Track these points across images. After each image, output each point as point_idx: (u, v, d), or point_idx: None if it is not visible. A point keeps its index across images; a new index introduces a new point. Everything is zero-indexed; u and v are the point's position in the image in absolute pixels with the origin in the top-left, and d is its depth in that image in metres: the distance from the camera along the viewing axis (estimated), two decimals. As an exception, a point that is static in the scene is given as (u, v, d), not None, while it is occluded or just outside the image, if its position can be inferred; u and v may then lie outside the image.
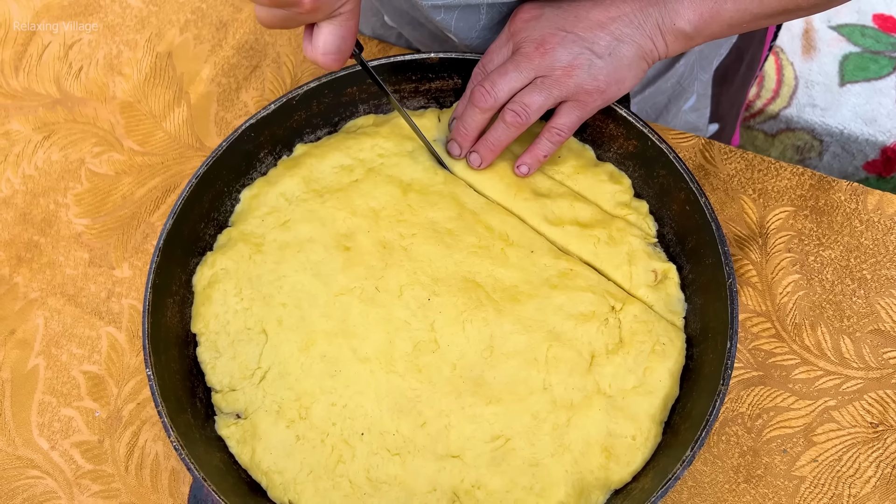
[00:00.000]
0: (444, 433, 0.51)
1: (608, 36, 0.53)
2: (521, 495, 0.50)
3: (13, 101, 0.75)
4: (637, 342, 0.53)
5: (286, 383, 0.53)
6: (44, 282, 0.66)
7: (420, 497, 0.50)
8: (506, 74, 0.54)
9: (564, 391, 0.52)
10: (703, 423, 0.47)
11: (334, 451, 0.51)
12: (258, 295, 0.56)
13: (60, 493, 0.58)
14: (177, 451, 0.48)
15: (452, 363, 0.53)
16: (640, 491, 0.49)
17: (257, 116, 0.58)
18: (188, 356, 0.56)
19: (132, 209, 0.68)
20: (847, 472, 0.55)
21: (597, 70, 0.53)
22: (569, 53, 0.53)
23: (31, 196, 0.70)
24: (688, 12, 0.52)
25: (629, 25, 0.53)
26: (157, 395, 0.50)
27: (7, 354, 0.63)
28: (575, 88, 0.53)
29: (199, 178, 0.56)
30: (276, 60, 0.75)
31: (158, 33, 0.77)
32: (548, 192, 0.60)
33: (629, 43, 0.53)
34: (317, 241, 0.57)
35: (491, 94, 0.54)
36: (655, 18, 0.53)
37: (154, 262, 0.53)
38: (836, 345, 0.59)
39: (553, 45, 0.53)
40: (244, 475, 0.53)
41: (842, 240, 0.63)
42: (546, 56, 0.53)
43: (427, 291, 0.56)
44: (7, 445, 0.60)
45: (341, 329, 0.54)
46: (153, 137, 0.72)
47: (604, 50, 0.53)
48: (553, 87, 0.53)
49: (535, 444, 0.51)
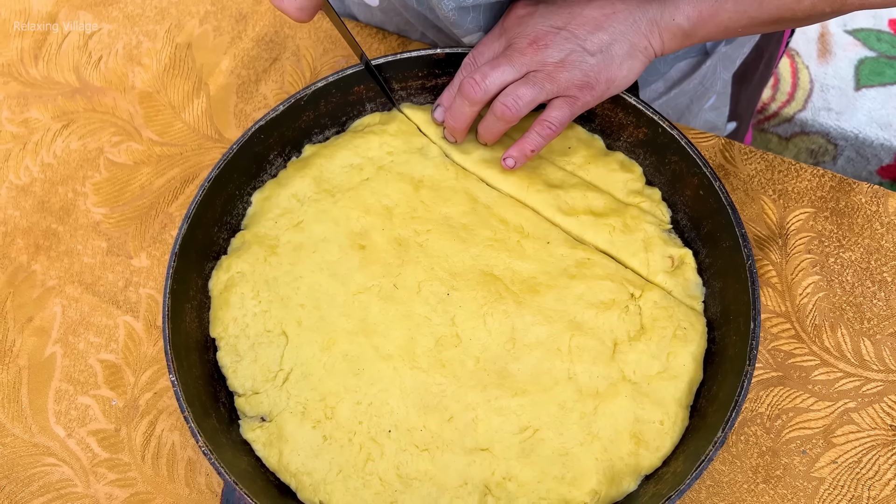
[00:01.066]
0: (472, 427, 0.51)
1: (601, 33, 0.53)
2: (552, 485, 0.50)
3: (32, 90, 0.75)
4: (658, 328, 0.53)
5: (310, 384, 0.53)
6: (62, 270, 0.66)
7: (451, 491, 0.50)
8: (497, 67, 0.54)
9: (589, 380, 0.52)
10: (733, 404, 0.48)
11: (363, 450, 0.51)
12: (276, 297, 0.56)
13: (77, 481, 0.58)
14: (206, 455, 0.48)
15: (475, 356, 0.53)
16: (671, 475, 0.49)
17: (266, 118, 0.58)
18: (209, 361, 0.55)
19: (151, 199, 0.68)
20: (867, 475, 0.55)
21: (588, 67, 0.53)
22: (561, 50, 0.53)
23: (49, 184, 0.70)
24: (688, 8, 0.52)
25: (623, 23, 0.53)
26: (182, 401, 0.49)
27: (24, 342, 0.63)
28: (566, 84, 0.53)
29: (211, 181, 0.56)
30: (295, 53, 0.75)
31: (178, 24, 0.77)
32: (560, 182, 0.60)
33: (622, 41, 0.53)
34: (331, 240, 0.57)
35: (481, 85, 0.54)
36: (652, 15, 0.53)
37: (171, 268, 0.53)
38: (857, 347, 0.59)
39: (546, 42, 0.53)
40: (272, 478, 0.52)
41: (862, 242, 0.62)
42: (539, 52, 0.53)
43: (446, 286, 0.56)
44: (24, 433, 0.60)
45: (362, 328, 0.54)
46: (172, 128, 0.72)
47: (596, 47, 0.53)
48: (545, 82, 0.53)
49: (564, 434, 0.51)
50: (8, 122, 0.73)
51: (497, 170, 0.60)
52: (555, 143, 0.62)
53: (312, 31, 0.76)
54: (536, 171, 0.60)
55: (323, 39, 0.75)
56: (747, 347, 0.50)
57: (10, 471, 0.59)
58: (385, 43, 0.74)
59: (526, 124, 0.58)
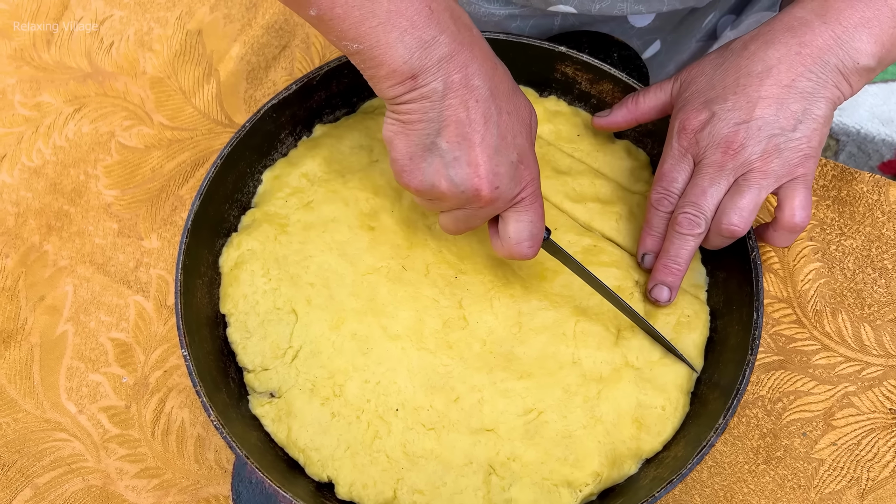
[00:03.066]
0: (478, 408, 0.52)
1: (792, 104, 0.48)
2: (555, 466, 0.51)
3: (45, 74, 0.75)
4: (662, 315, 0.54)
5: (318, 361, 0.54)
6: (73, 250, 0.67)
7: (457, 469, 0.51)
8: (705, 192, 0.50)
9: (593, 364, 0.53)
10: (734, 393, 0.48)
11: (370, 427, 0.52)
12: (285, 275, 0.56)
13: (87, 456, 0.59)
14: (217, 429, 0.49)
15: (482, 339, 0.54)
16: (672, 459, 0.50)
17: (279, 97, 0.59)
18: (218, 337, 0.56)
19: (161, 182, 0.69)
20: (866, 457, 0.56)
21: (797, 142, 0.48)
22: (759, 142, 0.48)
23: (61, 167, 0.71)
24: (868, 47, 0.47)
25: (809, 82, 0.48)
26: (194, 376, 0.50)
27: (36, 320, 0.64)
28: (782, 171, 0.48)
29: (223, 158, 0.57)
30: (304, 41, 0.75)
31: (189, 11, 0.78)
32: (568, 169, 0.61)
33: (818, 100, 0.48)
34: (341, 221, 0.58)
35: (700, 216, 0.50)
36: (835, 64, 0.48)
37: (183, 244, 0.54)
38: (857, 332, 0.60)
39: (740, 141, 0.48)
40: (281, 453, 0.53)
41: (863, 230, 0.63)
42: (738, 155, 0.48)
43: (453, 270, 0.56)
44: (35, 408, 0.61)
45: (370, 307, 0.55)
46: (183, 113, 0.73)
47: (793, 121, 0.48)
48: (760, 180, 0.49)
49: (568, 417, 0.52)
50: (21, 105, 0.74)
51: None
52: (563, 130, 0.63)
53: (322, 19, 0.77)
54: (545, 157, 0.61)
55: (332, 27, 0.76)
56: (749, 337, 0.50)
57: (23, 445, 0.60)
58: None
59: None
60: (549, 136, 0.63)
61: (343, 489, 0.51)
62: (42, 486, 0.59)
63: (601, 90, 0.62)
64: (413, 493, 0.51)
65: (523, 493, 0.50)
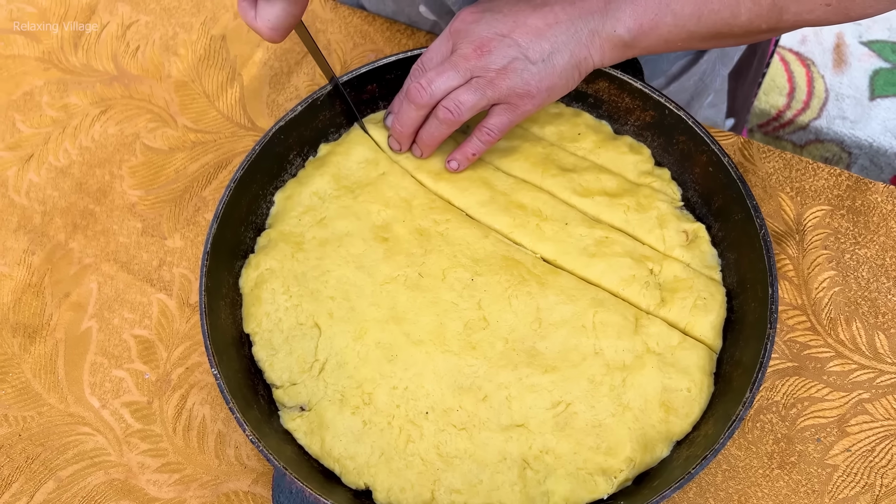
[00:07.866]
0: (506, 405, 0.53)
1: (544, 42, 0.54)
2: (588, 455, 0.52)
3: (72, 77, 0.77)
4: (678, 299, 0.56)
5: (345, 372, 0.55)
6: (98, 248, 0.68)
7: (492, 466, 0.52)
8: (443, 73, 0.55)
9: (615, 354, 0.54)
10: (758, 366, 0.50)
11: (402, 432, 0.53)
12: (305, 291, 0.57)
13: (110, 450, 0.60)
14: (254, 444, 0.50)
15: (504, 337, 0.55)
16: (703, 437, 0.51)
17: (286, 118, 0.60)
18: (244, 356, 0.57)
19: (185, 183, 0.71)
20: (880, 463, 0.56)
21: (529, 75, 0.54)
22: (504, 57, 0.54)
23: (87, 167, 0.72)
24: (629, 20, 0.53)
25: (565, 33, 0.54)
26: (226, 394, 0.51)
27: (62, 316, 0.65)
28: (507, 91, 0.55)
29: (236, 182, 0.58)
30: (326, 48, 0.77)
31: (213, 17, 0.80)
32: (573, 166, 0.62)
33: (563, 51, 0.54)
34: (355, 234, 0.59)
35: (427, 90, 0.55)
36: (593, 26, 0.54)
37: (204, 266, 0.55)
38: (871, 340, 0.60)
39: (490, 48, 0.54)
40: (315, 464, 0.54)
41: (878, 239, 0.64)
42: (482, 58, 0.54)
43: (469, 272, 0.57)
44: (59, 402, 0.62)
45: (391, 316, 0.56)
46: (206, 116, 0.74)
47: (538, 56, 0.54)
48: (486, 88, 0.54)
49: (596, 406, 0.53)
50: (48, 106, 0.76)
51: (511, 158, 0.62)
52: (565, 130, 0.65)
53: (343, 26, 0.78)
54: (549, 157, 0.62)
55: (353, 34, 0.77)
56: (767, 311, 0.52)
57: (46, 439, 0.61)
58: (399, 35, 0.76)
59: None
60: (551, 137, 0.64)
61: (381, 495, 0.52)
62: (65, 479, 0.60)
63: (597, 89, 0.64)
64: (451, 493, 0.51)
65: (559, 484, 0.51)
